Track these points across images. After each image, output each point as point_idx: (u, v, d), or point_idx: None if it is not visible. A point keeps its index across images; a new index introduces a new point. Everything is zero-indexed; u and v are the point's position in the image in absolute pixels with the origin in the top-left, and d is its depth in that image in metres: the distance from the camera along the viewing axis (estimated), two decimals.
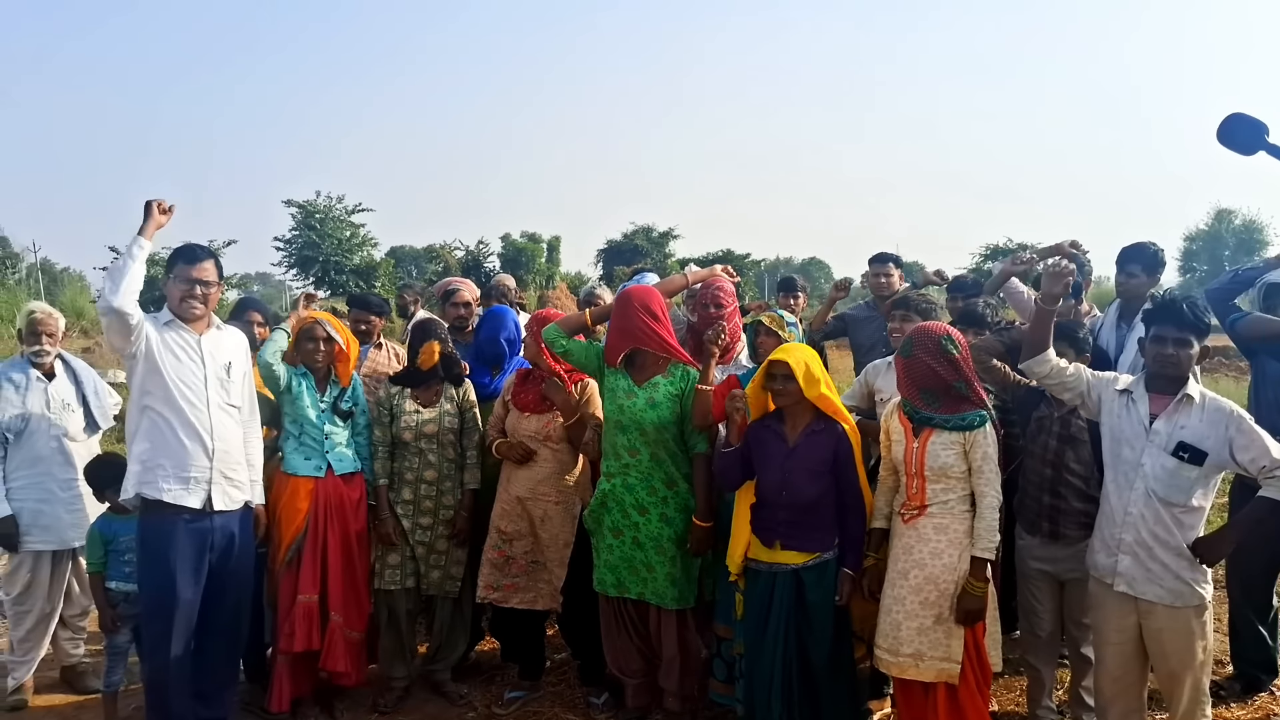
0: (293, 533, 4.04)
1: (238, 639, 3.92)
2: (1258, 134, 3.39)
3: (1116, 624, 3.33)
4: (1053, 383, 3.52)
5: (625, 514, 3.82)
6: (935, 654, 3.30)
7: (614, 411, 3.85)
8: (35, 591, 4.44)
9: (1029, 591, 3.81)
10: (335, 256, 30.18)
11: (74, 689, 4.63)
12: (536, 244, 35.23)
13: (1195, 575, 3.19)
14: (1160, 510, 3.18)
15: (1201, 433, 3.15)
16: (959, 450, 3.33)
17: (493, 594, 4.16)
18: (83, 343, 18.98)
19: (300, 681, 4.15)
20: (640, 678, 3.97)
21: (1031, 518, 3.71)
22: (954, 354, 3.36)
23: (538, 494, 4.12)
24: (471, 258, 33.07)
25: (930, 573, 3.31)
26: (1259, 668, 4.34)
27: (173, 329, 3.65)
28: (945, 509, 3.35)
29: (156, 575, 3.60)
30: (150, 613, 3.68)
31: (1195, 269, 39.41)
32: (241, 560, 3.81)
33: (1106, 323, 4.66)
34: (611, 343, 3.92)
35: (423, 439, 4.25)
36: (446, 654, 4.44)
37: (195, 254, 3.69)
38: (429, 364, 4.29)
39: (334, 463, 4.15)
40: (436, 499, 4.28)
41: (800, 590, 3.49)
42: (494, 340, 4.63)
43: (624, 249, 36.73)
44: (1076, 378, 3.47)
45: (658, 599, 3.82)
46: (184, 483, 3.59)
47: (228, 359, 3.76)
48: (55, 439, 4.43)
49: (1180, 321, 3.20)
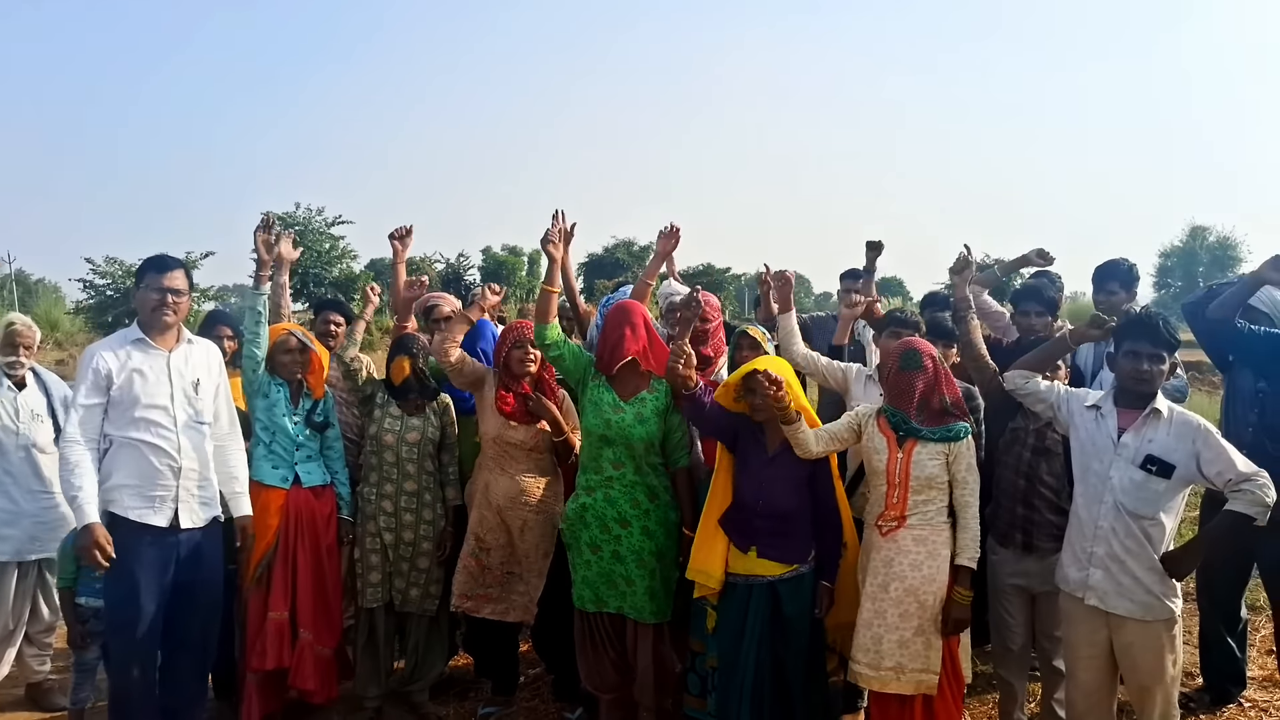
0: (263, 549, 3.99)
1: (206, 655, 3.86)
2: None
3: (1088, 638, 3.34)
4: (1026, 394, 3.58)
5: (605, 528, 3.80)
6: (914, 666, 3.30)
7: (599, 425, 3.81)
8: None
9: (1001, 605, 3.82)
10: (314, 269, 30.04)
11: (40, 706, 4.57)
12: (517, 257, 35.28)
13: (1165, 589, 3.21)
14: (1130, 523, 3.21)
15: (1169, 446, 3.18)
16: (942, 461, 3.36)
17: (465, 603, 4.12)
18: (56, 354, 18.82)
19: (270, 699, 4.10)
20: (615, 692, 3.95)
21: (1004, 529, 3.73)
22: (942, 368, 3.45)
23: (518, 504, 4.09)
24: (452, 270, 33.06)
25: (910, 585, 3.32)
26: (1228, 680, 4.36)
27: (140, 347, 3.59)
28: (925, 520, 3.36)
29: (121, 590, 3.54)
30: (115, 628, 3.62)
31: (1170, 285, 39.91)
32: (210, 575, 3.75)
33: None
34: (610, 354, 3.86)
35: (404, 446, 4.23)
36: (424, 673, 4.39)
37: (165, 263, 3.65)
38: (399, 378, 4.28)
39: (302, 474, 4.12)
40: (417, 512, 4.25)
41: (776, 603, 3.48)
42: (470, 351, 4.61)
43: (605, 263, 36.82)
44: (1049, 390, 3.52)
45: (636, 613, 3.80)
46: (149, 501, 3.54)
47: (196, 375, 3.70)
48: (23, 449, 4.39)
49: (1155, 338, 3.24)
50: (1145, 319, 3.30)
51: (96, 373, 3.48)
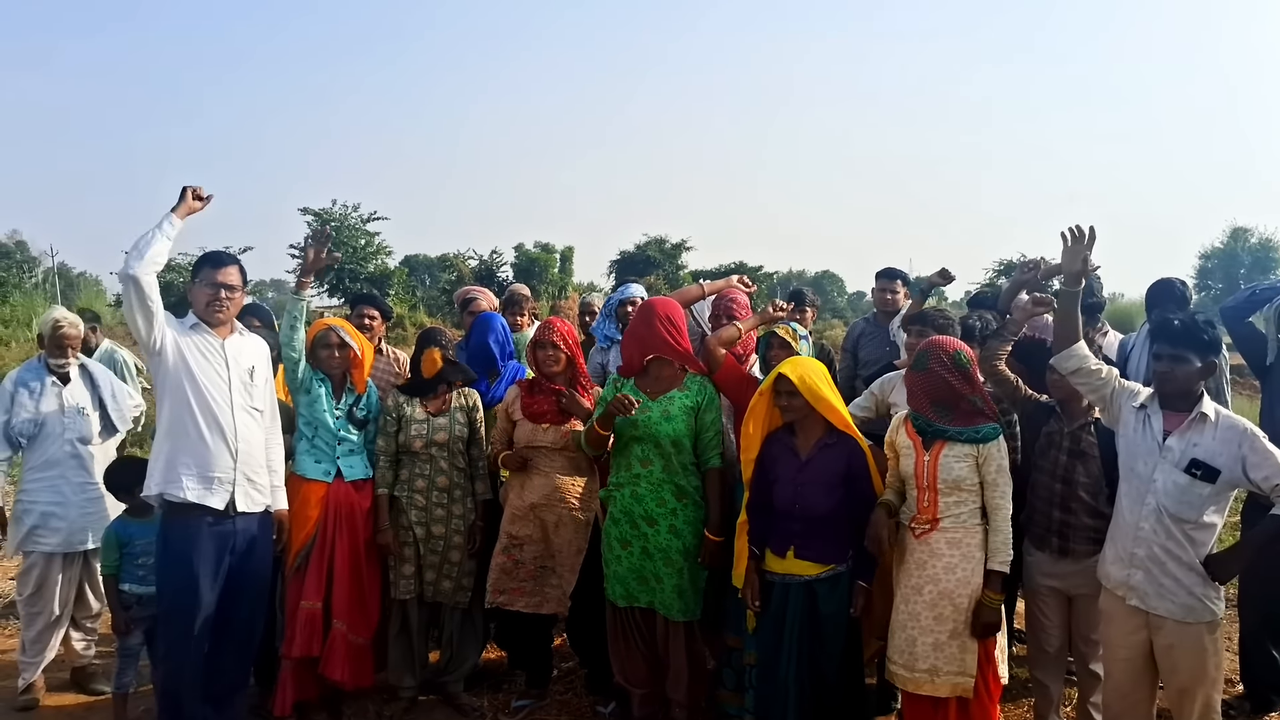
0: (302, 539, 4.06)
1: (252, 643, 3.92)
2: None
3: (1126, 638, 3.31)
4: (1081, 380, 3.46)
5: (634, 524, 3.82)
6: (950, 669, 3.29)
7: (626, 424, 3.85)
8: (46, 593, 4.47)
9: (1037, 607, 3.80)
10: (350, 265, 30.30)
11: (84, 690, 4.66)
12: (550, 254, 35.30)
13: (1207, 591, 3.17)
14: (1171, 526, 3.17)
15: (1214, 450, 3.14)
16: (971, 463, 3.33)
17: (499, 598, 4.16)
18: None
19: (304, 686, 4.15)
20: (647, 687, 3.97)
21: (1040, 533, 3.70)
22: (967, 367, 3.39)
23: (553, 500, 4.12)
24: (485, 267, 33.14)
25: (945, 588, 3.31)
26: (1269, 688, 4.30)
27: (197, 332, 3.67)
28: (958, 522, 3.35)
29: (178, 577, 3.59)
30: (169, 614, 3.67)
31: (1210, 287, 39.14)
32: (260, 564, 3.82)
33: (1138, 341, 4.68)
34: (631, 352, 3.93)
35: (433, 446, 4.26)
36: (458, 665, 4.42)
37: (221, 259, 3.74)
38: (431, 371, 4.30)
39: (344, 469, 4.17)
40: (448, 507, 4.28)
41: (813, 602, 3.48)
42: (484, 345, 4.65)
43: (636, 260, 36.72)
44: (1105, 381, 3.41)
45: (665, 610, 3.82)
46: (207, 483, 3.59)
47: (250, 363, 3.78)
48: (69, 443, 4.47)
49: (1172, 338, 3.20)
50: (1164, 321, 3.28)
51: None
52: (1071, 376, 3.47)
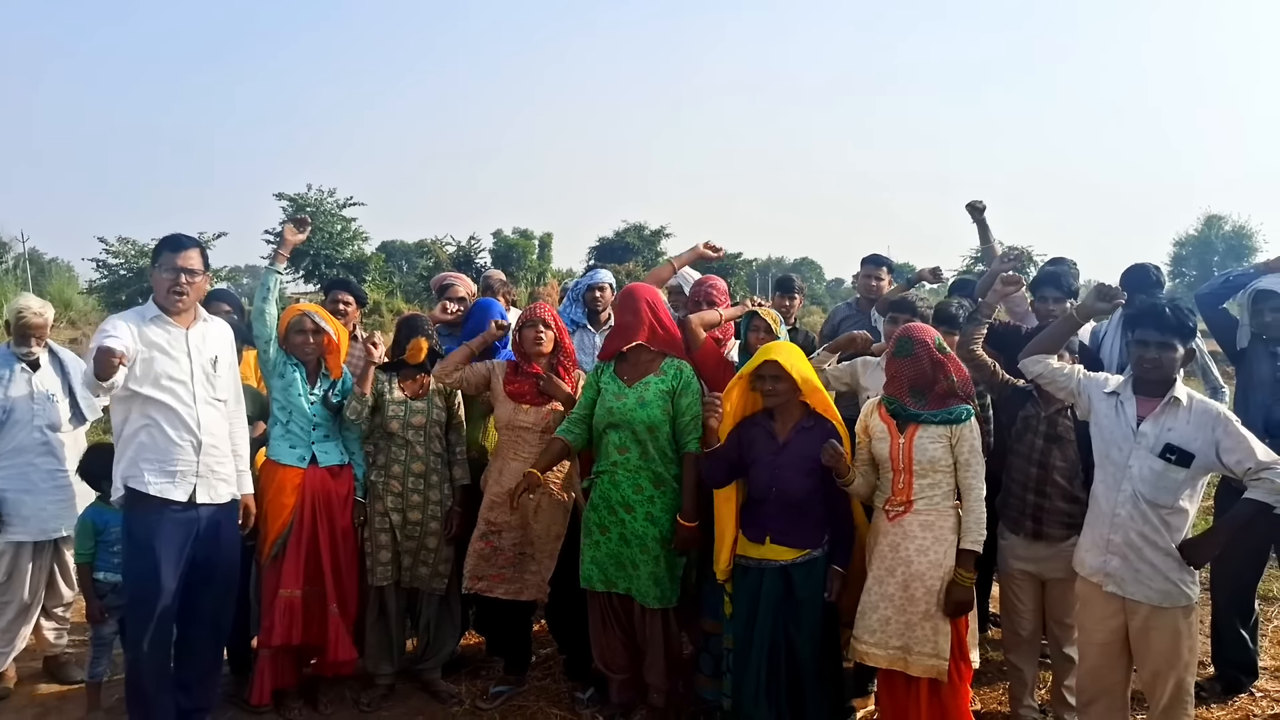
0: (279, 527, 4.02)
1: (222, 630, 3.90)
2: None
3: (1102, 624, 3.34)
4: (1046, 381, 3.56)
5: (612, 510, 3.82)
6: (924, 650, 3.31)
7: (603, 412, 3.85)
8: (16, 582, 4.41)
9: (1011, 591, 3.83)
10: (325, 250, 30.01)
11: (56, 679, 4.61)
12: (528, 240, 35.20)
13: (1183, 575, 3.20)
14: (1148, 511, 3.19)
15: (1188, 435, 3.16)
16: (945, 444, 3.36)
17: (478, 584, 4.14)
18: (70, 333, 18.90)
19: (282, 674, 4.13)
20: (626, 673, 3.97)
21: (1015, 516, 3.73)
22: (946, 353, 3.42)
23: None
24: (463, 253, 32.98)
25: (917, 569, 3.33)
26: (1239, 669, 4.37)
27: (159, 324, 3.61)
28: (931, 505, 3.37)
29: (140, 565, 3.57)
30: (133, 602, 3.66)
31: (1185, 274, 39.56)
32: (227, 551, 3.79)
33: (1111, 328, 4.70)
34: (613, 338, 3.92)
35: (410, 430, 4.23)
36: (436, 651, 4.41)
37: (180, 242, 3.65)
38: (415, 360, 4.27)
39: (319, 454, 4.14)
40: (424, 492, 4.26)
41: (789, 586, 3.49)
42: (480, 329, 4.61)
43: (615, 246, 36.72)
44: (1069, 376, 3.50)
45: (640, 597, 3.82)
46: (169, 476, 3.56)
47: (214, 352, 3.73)
48: (39, 429, 4.40)
49: (1161, 325, 3.22)
50: (1150, 307, 3.29)
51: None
52: (1037, 379, 3.59)
